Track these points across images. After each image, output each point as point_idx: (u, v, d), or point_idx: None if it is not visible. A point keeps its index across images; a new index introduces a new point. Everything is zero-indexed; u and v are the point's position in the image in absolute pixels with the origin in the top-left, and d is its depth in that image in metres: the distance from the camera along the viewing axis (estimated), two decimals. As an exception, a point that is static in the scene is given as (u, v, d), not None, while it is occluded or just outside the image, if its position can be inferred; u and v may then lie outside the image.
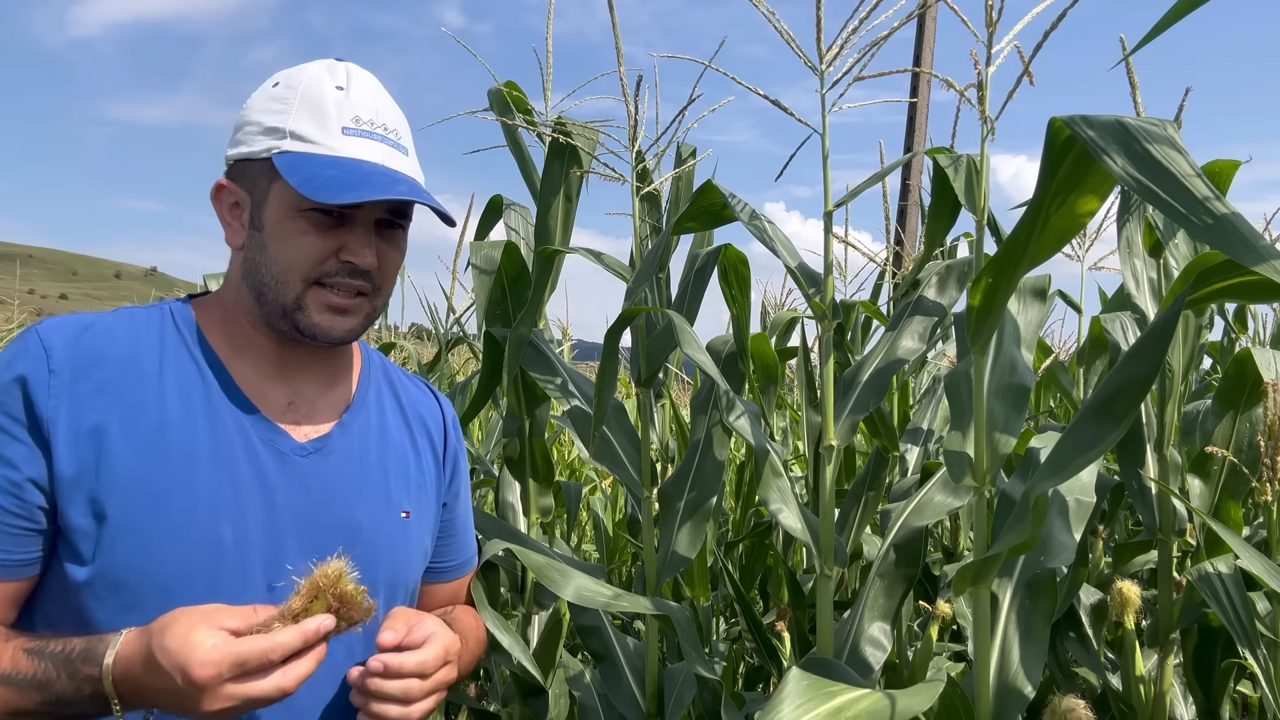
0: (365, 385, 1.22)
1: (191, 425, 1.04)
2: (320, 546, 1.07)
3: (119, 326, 1.07)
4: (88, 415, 1.00)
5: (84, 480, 0.99)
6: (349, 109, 1.07)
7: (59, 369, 1.01)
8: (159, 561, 0.99)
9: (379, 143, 1.08)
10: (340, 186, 1.01)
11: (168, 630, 0.89)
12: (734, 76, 1.57)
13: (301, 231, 1.05)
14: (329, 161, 1.04)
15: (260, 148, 1.06)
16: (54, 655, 0.93)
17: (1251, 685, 2.24)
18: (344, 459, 1.14)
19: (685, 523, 1.88)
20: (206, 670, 0.86)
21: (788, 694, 1.17)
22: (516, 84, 2.13)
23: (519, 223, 2.30)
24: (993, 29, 1.34)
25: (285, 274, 1.06)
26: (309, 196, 1.00)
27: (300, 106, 1.06)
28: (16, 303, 6.65)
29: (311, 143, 1.05)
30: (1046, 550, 1.50)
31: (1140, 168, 0.97)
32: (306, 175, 1.02)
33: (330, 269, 1.07)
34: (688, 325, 1.69)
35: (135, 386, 1.03)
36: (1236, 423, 1.87)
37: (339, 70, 1.11)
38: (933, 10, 9.11)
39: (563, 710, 2.36)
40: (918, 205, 3.98)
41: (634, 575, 3.50)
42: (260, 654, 0.88)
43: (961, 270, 1.84)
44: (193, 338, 1.10)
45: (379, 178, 1.05)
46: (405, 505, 1.19)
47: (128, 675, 0.91)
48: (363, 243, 1.08)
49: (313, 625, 0.91)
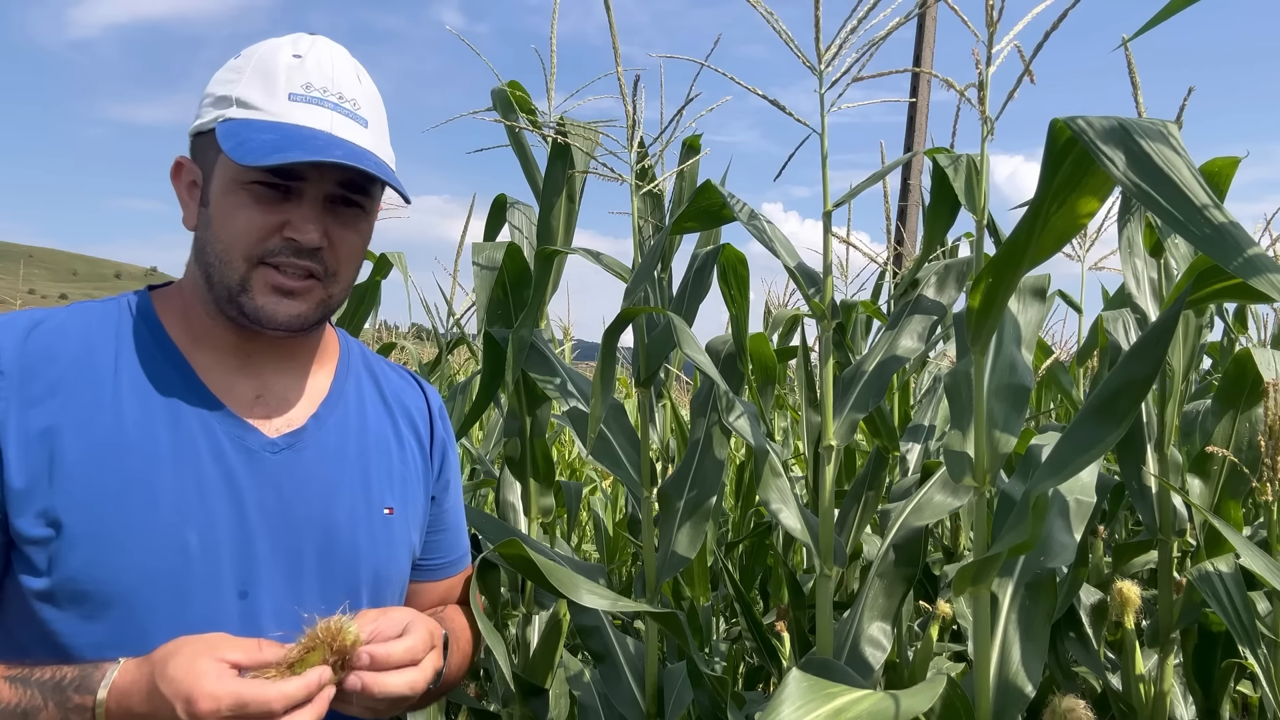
0: (344, 376, 1.16)
1: (150, 425, 0.99)
2: (294, 547, 1.03)
3: (72, 323, 1.01)
4: (38, 418, 0.94)
5: (36, 488, 0.93)
6: (300, 75, 1.00)
7: (7, 370, 0.95)
8: (119, 570, 0.95)
9: (329, 110, 1.00)
10: (268, 149, 0.94)
11: (171, 659, 0.86)
12: (733, 76, 1.57)
13: (242, 205, 0.99)
14: (266, 126, 0.97)
15: (209, 118, 1.01)
16: (41, 683, 0.89)
17: (1251, 685, 2.24)
18: (319, 454, 1.08)
19: (685, 523, 1.88)
20: (208, 704, 0.83)
21: (788, 695, 1.17)
22: (520, 84, 2.12)
23: (523, 222, 2.29)
24: (993, 29, 1.34)
25: (227, 252, 1.00)
26: (235, 160, 0.94)
27: (251, 74, 1.00)
28: (18, 303, 6.66)
29: (254, 109, 0.98)
30: (1046, 550, 1.49)
31: (1140, 171, 0.97)
32: (239, 140, 0.95)
33: (273, 247, 1.00)
34: (686, 326, 1.69)
35: (89, 386, 0.97)
36: (1236, 423, 1.87)
37: (304, 40, 1.04)
38: (932, 10, 9.11)
39: (563, 710, 2.36)
40: (918, 205, 3.98)
41: (634, 575, 3.50)
42: (263, 702, 0.85)
43: (961, 270, 1.84)
44: (152, 332, 1.03)
45: (316, 141, 0.98)
46: (388, 501, 1.14)
47: (124, 706, 0.87)
48: (306, 218, 1.00)
49: (314, 676, 0.88)
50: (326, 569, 1.06)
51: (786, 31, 1.46)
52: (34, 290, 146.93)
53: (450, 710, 2.71)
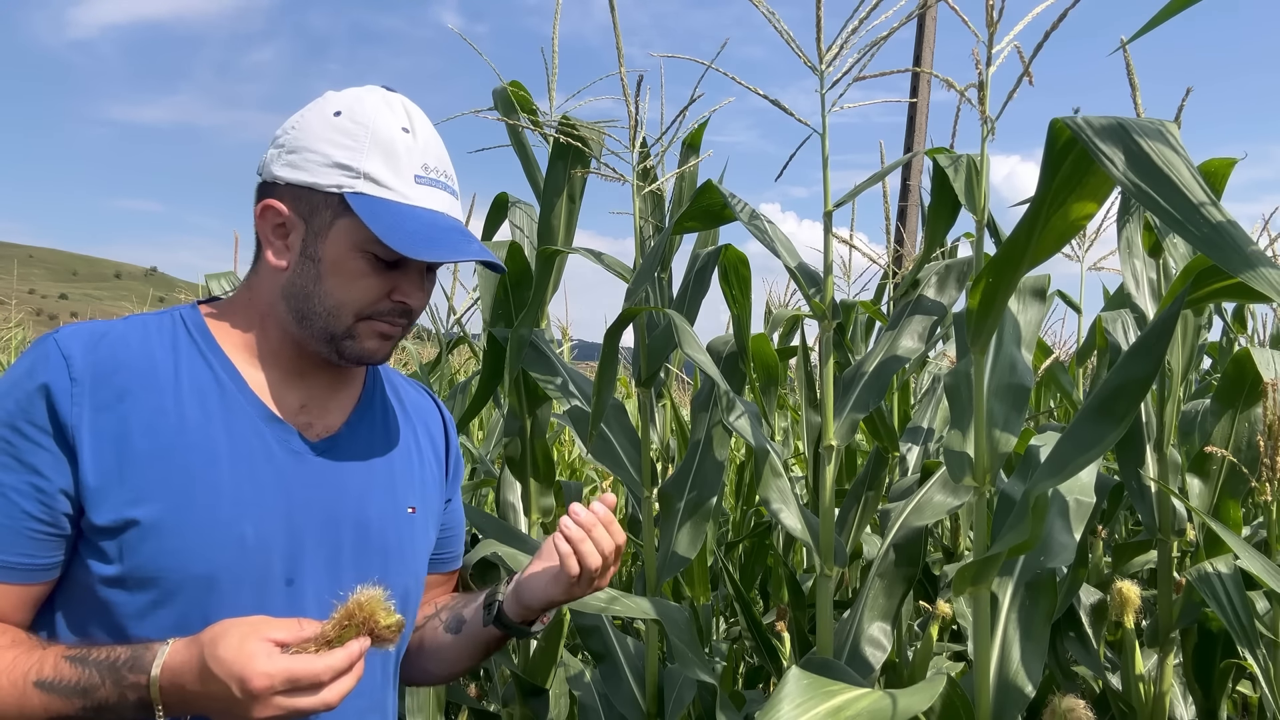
0: (372, 384, 1.27)
1: (209, 428, 1.08)
2: (334, 541, 1.13)
3: (132, 333, 1.10)
4: (109, 421, 1.03)
5: (109, 485, 1.02)
6: (418, 155, 1.12)
7: (80, 377, 1.03)
8: (187, 560, 1.03)
9: (444, 192, 1.13)
10: (424, 241, 1.07)
11: (220, 642, 0.93)
12: (734, 76, 1.58)
13: (362, 273, 1.10)
14: (409, 213, 1.09)
15: (328, 181, 1.09)
16: (98, 662, 0.97)
17: (1251, 685, 2.24)
18: (354, 456, 1.18)
19: (685, 523, 1.88)
20: (262, 681, 0.90)
21: (787, 693, 1.17)
22: (521, 84, 2.13)
23: (524, 221, 2.29)
24: (993, 29, 1.35)
25: (340, 309, 1.11)
26: (395, 249, 1.05)
27: (372, 147, 1.09)
28: (15, 302, 6.65)
29: (386, 188, 1.09)
30: (1046, 550, 1.50)
31: (1138, 171, 0.97)
32: (389, 225, 1.06)
33: (383, 309, 1.12)
34: (688, 325, 1.69)
35: (153, 391, 1.06)
36: (1235, 422, 1.87)
37: (398, 107, 1.14)
38: (933, 10, 9.11)
39: (563, 710, 2.37)
40: (918, 206, 3.98)
41: (634, 575, 3.50)
42: (312, 675, 0.92)
43: (961, 270, 1.84)
44: (206, 344, 1.13)
45: (454, 234, 1.11)
46: (411, 501, 1.23)
47: (175, 684, 0.94)
48: (417, 286, 1.14)
49: (356, 647, 0.96)
50: (361, 560, 1.15)
51: (788, 31, 1.47)
52: (34, 290, 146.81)
53: (450, 710, 2.72)
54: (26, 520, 1.00)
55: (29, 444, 1.01)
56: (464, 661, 1.32)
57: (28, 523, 1.00)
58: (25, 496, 1.00)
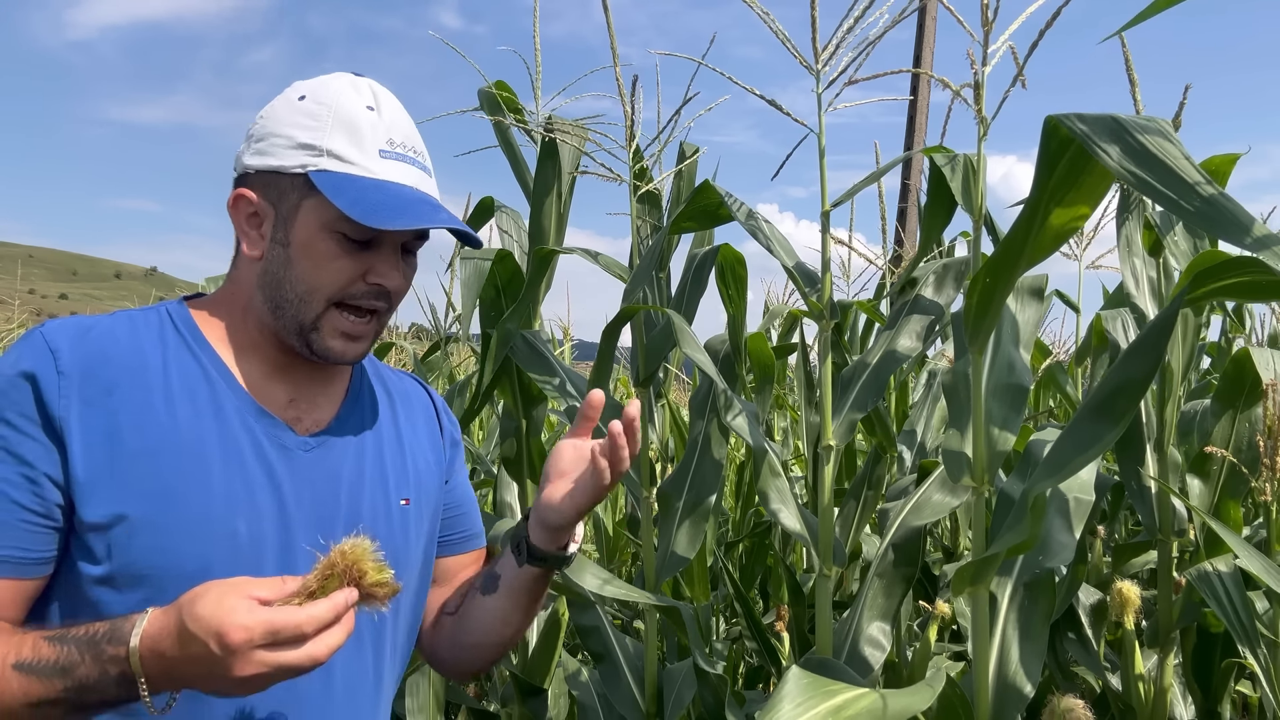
0: (359, 378, 1.25)
1: (199, 423, 1.07)
2: (326, 536, 1.09)
3: (119, 328, 1.09)
4: (98, 416, 1.02)
5: (99, 481, 1.00)
6: (383, 131, 1.10)
7: (67, 370, 1.02)
8: (179, 557, 1.01)
9: (411, 166, 1.11)
10: (389, 212, 1.04)
11: (199, 600, 0.90)
12: (730, 76, 1.57)
13: (333, 255, 1.08)
14: (372, 185, 1.07)
15: (293, 162, 1.08)
16: (76, 639, 0.94)
17: (1251, 685, 2.24)
18: (344, 451, 1.17)
19: (684, 522, 1.88)
20: (240, 634, 0.86)
21: (787, 693, 1.17)
22: (507, 84, 2.13)
23: (510, 225, 2.32)
24: (988, 28, 1.34)
25: (311, 294, 1.09)
26: (358, 220, 1.02)
27: (334, 125, 1.08)
28: (17, 303, 6.65)
29: (350, 163, 1.07)
30: (1045, 550, 1.49)
31: (1133, 158, 0.97)
32: (352, 198, 1.04)
33: (357, 291, 1.10)
34: (686, 324, 1.69)
35: (142, 386, 1.05)
36: (1235, 422, 1.87)
37: (364, 88, 1.13)
38: (932, 10, 9.11)
39: (562, 710, 2.36)
40: (917, 206, 3.98)
41: (634, 575, 3.50)
42: (294, 626, 0.88)
43: (958, 269, 1.83)
44: (193, 339, 1.12)
45: (422, 205, 1.09)
46: (404, 493, 1.22)
47: (155, 650, 0.90)
48: (391, 265, 1.11)
49: (341, 598, 0.91)
50: None
51: (783, 31, 1.47)
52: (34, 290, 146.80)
53: (450, 710, 2.71)
54: (19, 512, 0.98)
55: (18, 435, 0.99)
56: (514, 618, 1.26)
57: (21, 514, 0.99)
58: (17, 488, 0.98)
